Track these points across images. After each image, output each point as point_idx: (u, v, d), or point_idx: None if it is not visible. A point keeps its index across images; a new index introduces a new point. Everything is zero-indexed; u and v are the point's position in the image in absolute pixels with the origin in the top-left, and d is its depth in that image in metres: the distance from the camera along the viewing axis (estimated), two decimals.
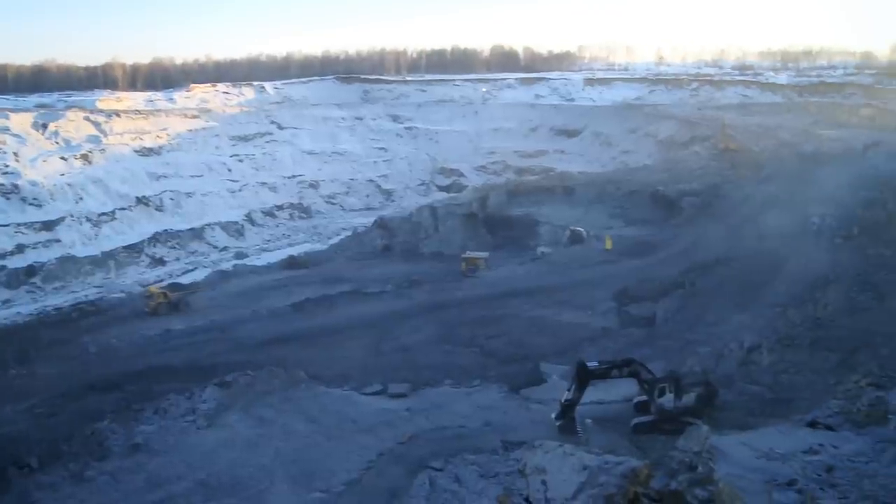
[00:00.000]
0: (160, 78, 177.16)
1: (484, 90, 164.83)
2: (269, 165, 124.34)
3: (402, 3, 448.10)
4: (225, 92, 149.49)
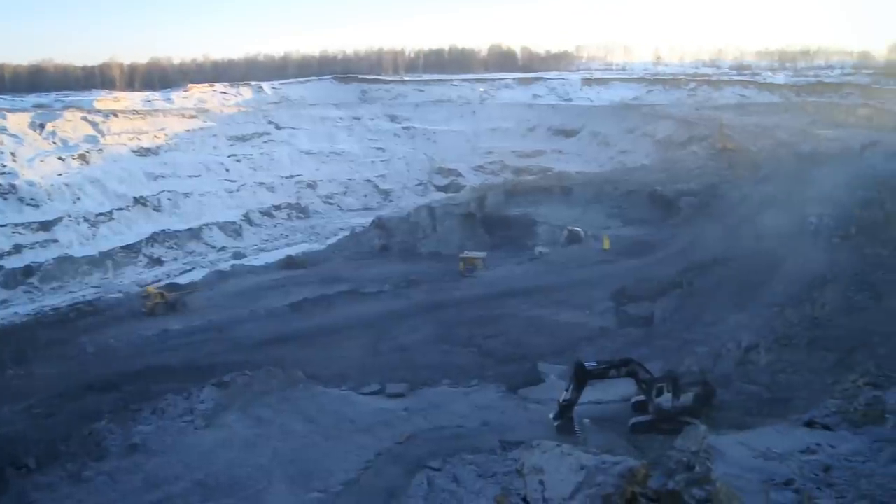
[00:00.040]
0: (158, 78, 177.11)
1: (482, 90, 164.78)
2: (266, 165, 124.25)
3: (400, 3, 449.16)
4: (223, 92, 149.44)
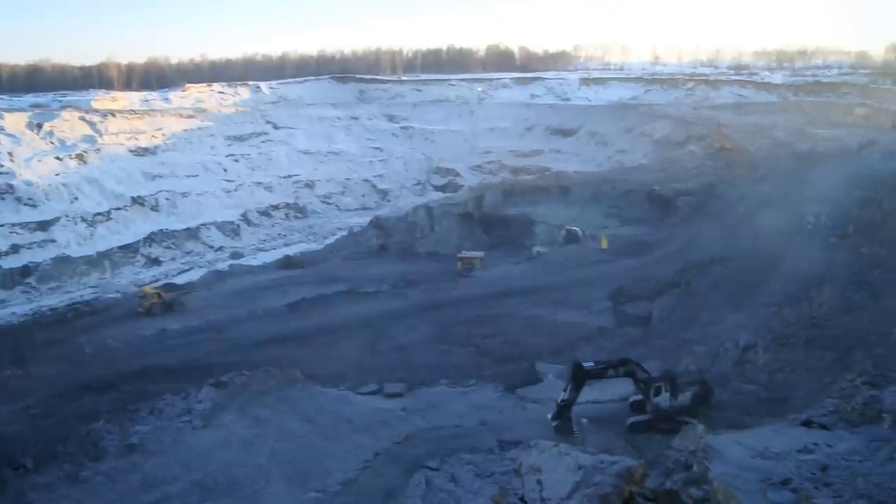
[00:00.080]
0: (155, 78, 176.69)
1: (479, 90, 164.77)
2: (264, 165, 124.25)
3: (398, 2, 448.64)
4: (220, 92, 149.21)
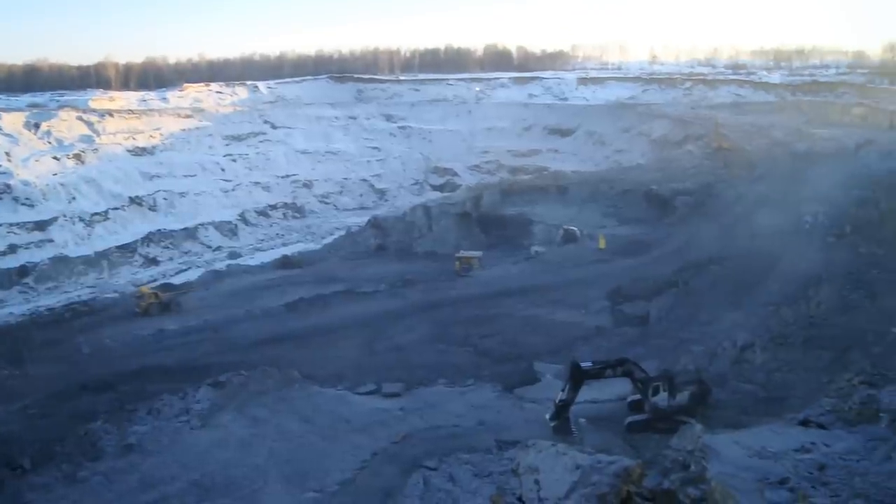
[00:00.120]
0: (153, 77, 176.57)
1: (477, 89, 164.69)
2: (262, 165, 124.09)
3: (396, 2, 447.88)
4: (218, 91, 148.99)
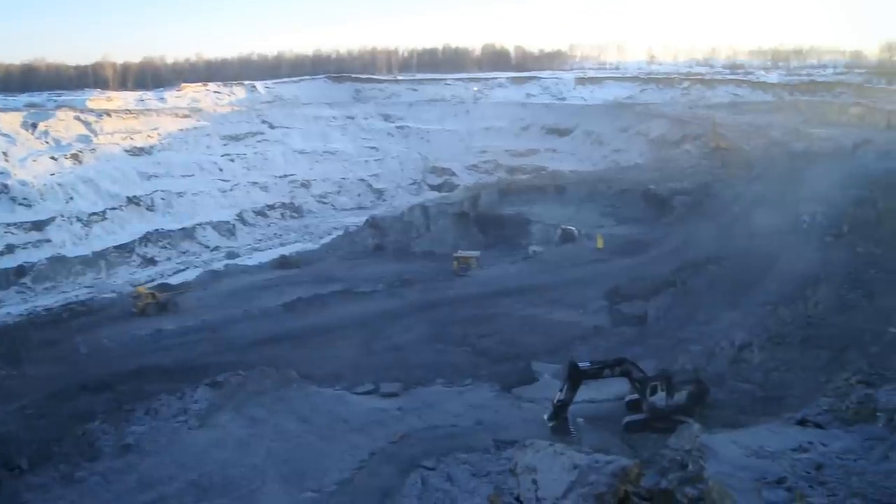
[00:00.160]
0: (151, 77, 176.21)
1: (475, 89, 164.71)
2: (260, 165, 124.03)
3: (394, 2, 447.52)
4: (216, 91, 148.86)
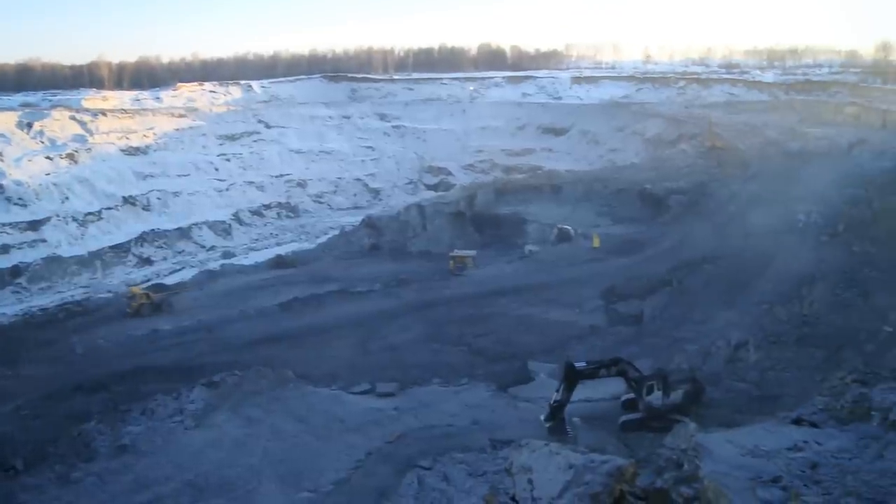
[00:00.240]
0: (146, 77, 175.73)
1: (471, 89, 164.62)
2: (256, 164, 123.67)
3: (390, 1, 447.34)
4: (212, 91, 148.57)
